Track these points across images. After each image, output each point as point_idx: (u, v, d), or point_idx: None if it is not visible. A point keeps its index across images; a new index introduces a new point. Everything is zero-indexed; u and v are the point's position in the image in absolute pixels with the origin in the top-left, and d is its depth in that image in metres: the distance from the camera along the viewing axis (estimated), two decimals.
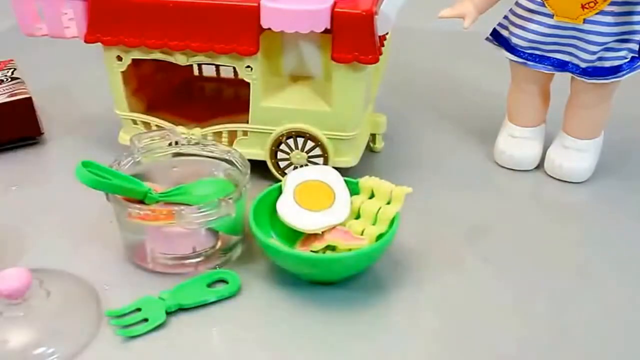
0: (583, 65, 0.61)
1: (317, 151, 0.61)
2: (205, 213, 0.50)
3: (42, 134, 0.70)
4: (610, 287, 0.53)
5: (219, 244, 0.54)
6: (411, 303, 0.51)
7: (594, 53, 0.60)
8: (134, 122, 0.64)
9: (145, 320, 0.49)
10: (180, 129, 0.62)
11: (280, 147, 0.61)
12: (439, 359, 0.47)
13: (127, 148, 0.58)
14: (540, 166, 0.67)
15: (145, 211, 0.49)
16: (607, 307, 0.52)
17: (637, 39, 0.59)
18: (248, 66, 0.59)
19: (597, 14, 0.58)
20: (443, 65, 0.88)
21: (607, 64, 0.60)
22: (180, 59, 0.59)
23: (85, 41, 0.61)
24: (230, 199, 0.51)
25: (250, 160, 0.56)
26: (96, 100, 0.77)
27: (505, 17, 0.64)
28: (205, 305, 0.50)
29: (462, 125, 0.74)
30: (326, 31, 0.56)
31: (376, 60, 0.56)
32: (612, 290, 0.53)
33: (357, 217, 0.55)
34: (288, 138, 0.60)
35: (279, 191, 0.55)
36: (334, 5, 0.56)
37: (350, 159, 0.62)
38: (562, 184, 0.65)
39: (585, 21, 0.59)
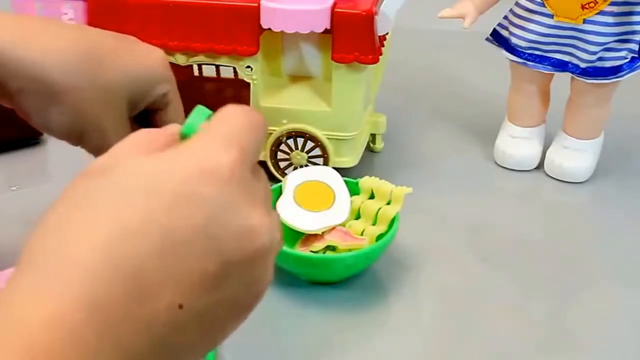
0: (583, 65, 0.61)
1: (317, 151, 0.61)
2: None
3: (42, 134, 0.70)
4: (610, 286, 0.53)
5: None
6: (411, 303, 0.51)
7: (594, 53, 0.60)
8: None
9: None
10: None
11: (280, 147, 0.61)
12: (439, 359, 0.48)
13: None
14: (540, 166, 0.67)
15: None
16: (607, 306, 0.52)
17: (637, 39, 0.59)
18: (248, 66, 0.59)
19: (597, 14, 0.58)
20: (443, 65, 0.88)
21: (607, 64, 0.60)
22: (180, 59, 0.59)
23: None
24: None
25: None
26: None
27: (505, 17, 0.64)
28: None
29: (462, 125, 0.74)
30: (326, 31, 0.56)
31: (376, 61, 0.56)
32: (612, 290, 0.53)
33: (357, 217, 0.55)
34: (288, 138, 0.60)
35: (279, 191, 0.55)
36: (334, 5, 0.56)
37: (350, 159, 0.61)
38: (562, 184, 0.65)
39: (585, 21, 0.59)
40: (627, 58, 0.60)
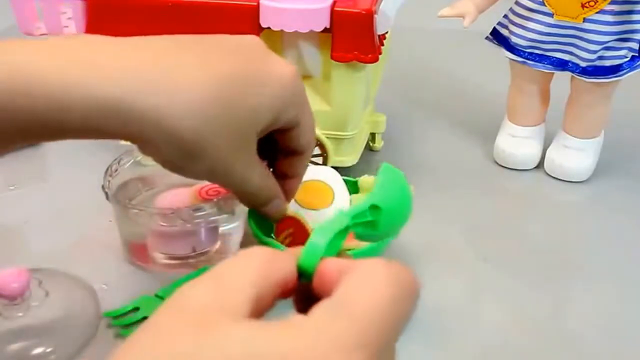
0: (583, 64, 0.61)
1: (317, 150, 0.60)
2: (205, 212, 0.50)
3: None
4: (611, 286, 0.53)
5: (219, 244, 0.54)
6: None
7: (594, 52, 0.60)
8: None
9: (146, 318, 0.49)
10: None
11: None
12: (439, 359, 0.47)
13: (127, 148, 0.58)
14: (540, 166, 0.67)
15: None
16: (607, 307, 0.51)
17: (638, 38, 0.59)
18: None
19: (597, 13, 0.58)
20: (443, 65, 0.88)
21: (607, 63, 0.60)
22: None
23: None
24: (230, 198, 0.51)
25: None
26: None
27: (505, 16, 0.64)
28: None
29: (462, 125, 0.74)
30: (326, 30, 0.56)
31: (376, 60, 0.56)
32: (612, 290, 0.53)
33: None
34: None
35: None
36: (334, 4, 0.55)
37: (349, 158, 0.61)
38: (562, 184, 0.65)
39: (585, 20, 0.58)
40: (627, 57, 0.60)
